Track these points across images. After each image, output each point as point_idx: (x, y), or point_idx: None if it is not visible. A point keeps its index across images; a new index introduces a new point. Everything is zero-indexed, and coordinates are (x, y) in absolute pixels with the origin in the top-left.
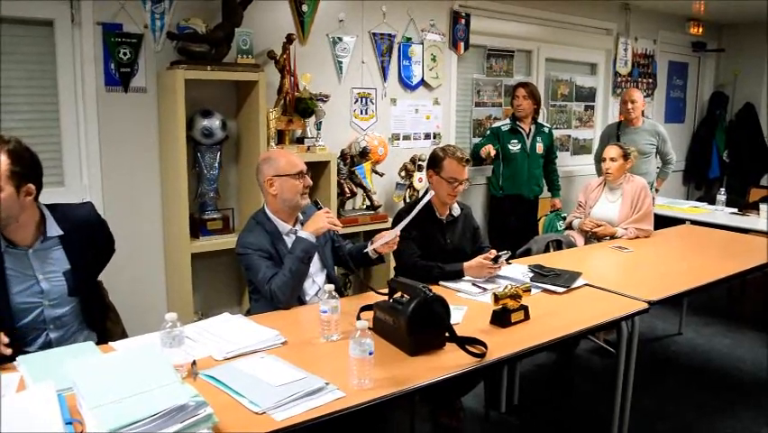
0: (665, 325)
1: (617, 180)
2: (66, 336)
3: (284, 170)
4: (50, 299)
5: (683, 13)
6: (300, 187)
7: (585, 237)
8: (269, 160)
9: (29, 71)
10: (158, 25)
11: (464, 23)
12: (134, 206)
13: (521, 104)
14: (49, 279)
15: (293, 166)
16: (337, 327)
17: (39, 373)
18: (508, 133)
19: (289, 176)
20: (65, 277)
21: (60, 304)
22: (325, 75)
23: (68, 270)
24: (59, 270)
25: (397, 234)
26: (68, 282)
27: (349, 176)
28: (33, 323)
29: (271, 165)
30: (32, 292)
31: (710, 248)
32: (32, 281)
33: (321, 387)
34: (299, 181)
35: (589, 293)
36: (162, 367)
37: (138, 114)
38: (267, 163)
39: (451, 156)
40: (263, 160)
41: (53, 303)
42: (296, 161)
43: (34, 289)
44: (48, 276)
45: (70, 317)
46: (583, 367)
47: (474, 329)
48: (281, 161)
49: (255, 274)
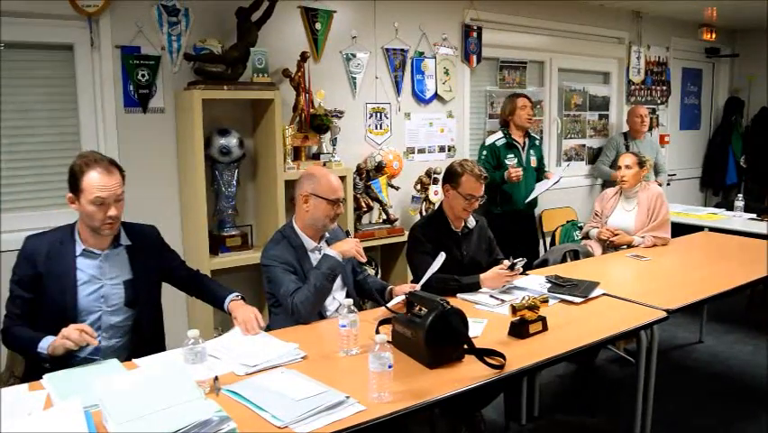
0: (685, 333)
1: (633, 188)
2: (114, 347)
3: (323, 192)
4: (109, 305)
5: (695, 20)
6: (332, 213)
7: (603, 246)
8: (313, 177)
9: (50, 94)
10: (175, 47)
11: (476, 36)
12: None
13: (530, 115)
14: (111, 285)
15: (332, 192)
16: (356, 341)
17: (65, 391)
18: (504, 148)
19: (326, 200)
20: (125, 286)
21: (117, 312)
22: (340, 91)
23: (128, 279)
24: (122, 278)
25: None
26: (127, 292)
27: (365, 190)
28: (91, 327)
29: (312, 182)
30: (96, 296)
31: (729, 255)
32: (99, 285)
33: (342, 401)
34: (333, 208)
35: (608, 303)
36: (185, 383)
37: (156, 134)
38: (309, 179)
39: (469, 173)
40: (307, 174)
41: (111, 310)
42: (336, 188)
43: (98, 293)
44: (111, 281)
45: (124, 330)
46: (603, 377)
47: (492, 341)
48: (323, 183)
49: (278, 287)
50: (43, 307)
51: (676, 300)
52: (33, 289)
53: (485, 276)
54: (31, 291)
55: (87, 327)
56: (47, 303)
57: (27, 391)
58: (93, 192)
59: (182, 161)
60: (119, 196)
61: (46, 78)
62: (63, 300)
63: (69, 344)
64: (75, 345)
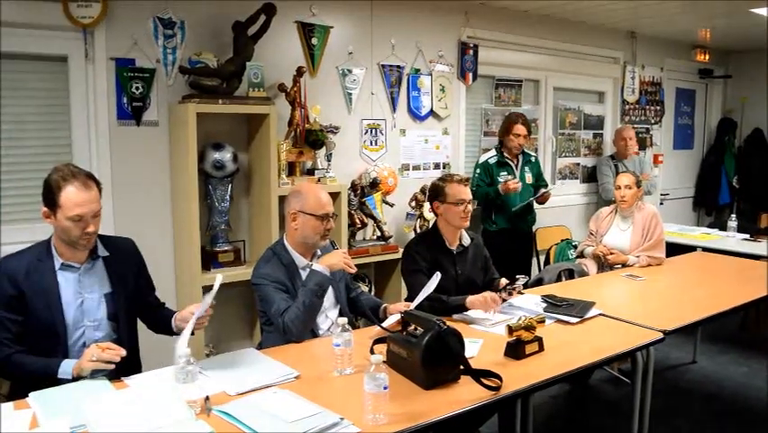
0: (679, 353)
1: (630, 208)
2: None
3: (310, 208)
4: (92, 320)
5: (689, 41)
6: (322, 229)
7: (598, 265)
8: (299, 194)
9: (42, 106)
10: (170, 60)
11: (472, 53)
12: (146, 238)
13: (521, 144)
14: (92, 298)
15: (320, 207)
16: (350, 361)
17: (52, 410)
18: (496, 166)
19: (314, 216)
20: (105, 299)
21: (100, 327)
22: (335, 107)
23: (108, 293)
24: (102, 291)
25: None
26: (108, 305)
27: (359, 207)
28: (77, 344)
29: (299, 200)
30: (80, 311)
31: (723, 275)
32: (80, 300)
33: (335, 422)
34: (322, 224)
35: (604, 323)
36: (176, 403)
37: (150, 147)
38: (296, 197)
39: (450, 181)
40: (294, 192)
41: (94, 325)
42: (324, 203)
43: (80, 307)
44: (91, 295)
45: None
46: (598, 397)
47: (488, 361)
48: (310, 199)
49: (269, 306)
50: (30, 326)
51: (672, 321)
52: (19, 309)
53: (472, 299)
54: (17, 312)
55: (112, 344)
56: (33, 322)
57: (12, 411)
58: (72, 210)
59: (175, 174)
60: (97, 212)
61: (39, 89)
62: (51, 317)
63: (102, 365)
64: (108, 366)
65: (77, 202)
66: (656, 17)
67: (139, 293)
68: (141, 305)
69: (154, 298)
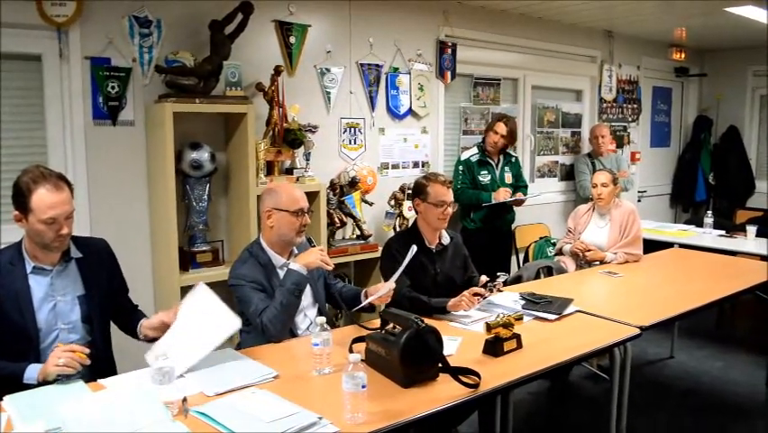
0: (657, 349)
1: (607, 206)
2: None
3: (284, 205)
4: (66, 323)
5: (665, 40)
6: (297, 224)
7: (576, 263)
8: (273, 192)
9: (16, 105)
10: (146, 59)
11: (451, 52)
12: (123, 239)
13: (497, 141)
14: (65, 301)
15: (294, 203)
16: (329, 361)
17: (27, 413)
18: (477, 165)
19: (288, 212)
20: (79, 301)
21: (75, 330)
22: (314, 106)
23: (82, 295)
24: (75, 293)
25: (391, 287)
26: (82, 307)
27: (338, 206)
28: (51, 347)
29: (273, 198)
30: (53, 314)
31: (700, 271)
32: (52, 302)
33: (314, 422)
34: (297, 219)
35: (582, 320)
36: (153, 405)
37: (126, 147)
38: (269, 195)
39: (434, 181)
40: (267, 190)
41: (68, 327)
42: (298, 199)
43: (54, 310)
44: (64, 298)
45: (83, 347)
46: (577, 393)
47: (467, 359)
48: (283, 196)
49: (247, 306)
50: (1, 331)
51: (649, 317)
52: None
53: (453, 302)
54: None
55: (76, 346)
56: (5, 326)
57: None
58: (45, 212)
59: (152, 174)
60: (70, 213)
61: (13, 89)
62: (23, 321)
63: (69, 370)
64: (73, 370)
65: (49, 204)
66: (632, 16)
67: (113, 294)
68: (114, 307)
69: (128, 300)
